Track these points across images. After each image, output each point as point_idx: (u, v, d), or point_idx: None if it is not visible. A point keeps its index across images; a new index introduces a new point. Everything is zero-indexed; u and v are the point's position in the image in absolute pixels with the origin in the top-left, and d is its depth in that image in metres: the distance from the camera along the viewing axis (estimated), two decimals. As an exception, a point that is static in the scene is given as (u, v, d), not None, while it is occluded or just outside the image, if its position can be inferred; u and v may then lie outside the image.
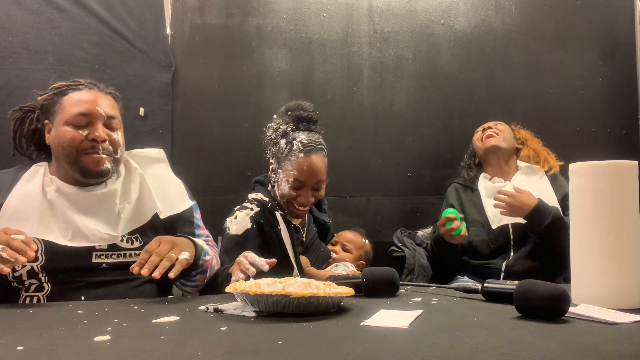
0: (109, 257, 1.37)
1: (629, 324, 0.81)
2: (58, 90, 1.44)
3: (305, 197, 1.64)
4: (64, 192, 1.37)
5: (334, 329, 0.79)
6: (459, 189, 2.27)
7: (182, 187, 1.60)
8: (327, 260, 1.87)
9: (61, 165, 1.39)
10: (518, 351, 0.65)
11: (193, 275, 1.39)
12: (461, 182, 2.30)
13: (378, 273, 1.15)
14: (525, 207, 1.96)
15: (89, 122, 1.37)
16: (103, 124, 1.39)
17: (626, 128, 2.81)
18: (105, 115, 1.39)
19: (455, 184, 2.31)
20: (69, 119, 1.37)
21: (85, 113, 1.37)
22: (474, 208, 2.18)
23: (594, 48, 2.80)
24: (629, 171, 0.99)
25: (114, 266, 1.37)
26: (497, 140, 2.19)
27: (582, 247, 1.00)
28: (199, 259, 1.36)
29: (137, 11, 2.21)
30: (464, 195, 2.24)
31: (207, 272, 1.44)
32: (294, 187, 1.63)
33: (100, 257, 1.36)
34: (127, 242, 1.40)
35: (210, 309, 0.96)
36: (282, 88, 2.43)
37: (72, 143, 1.35)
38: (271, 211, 1.64)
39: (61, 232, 1.32)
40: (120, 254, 1.38)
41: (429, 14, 2.63)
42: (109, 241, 1.36)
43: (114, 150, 1.41)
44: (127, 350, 0.67)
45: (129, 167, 1.51)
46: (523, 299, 0.87)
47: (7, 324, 0.85)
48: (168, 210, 1.48)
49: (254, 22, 2.41)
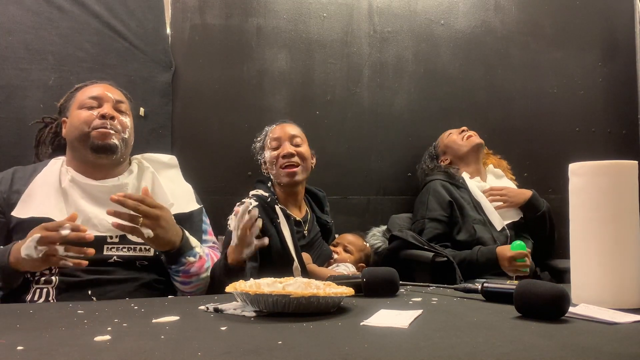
0: (119, 250, 1.41)
1: (629, 324, 0.81)
2: (74, 89, 1.58)
3: (284, 148, 1.82)
4: (77, 182, 1.45)
5: (334, 329, 0.79)
6: (447, 186, 2.22)
7: (192, 191, 1.66)
8: (328, 260, 1.88)
9: (75, 149, 1.48)
10: (518, 351, 0.65)
11: (174, 269, 1.41)
12: (445, 179, 2.25)
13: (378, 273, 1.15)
14: (521, 195, 2.16)
15: (99, 104, 1.49)
16: (112, 106, 1.51)
17: (626, 128, 2.81)
18: (114, 98, 1.52)
19: (438, 181, 2.24)
20: (81, 103, 1.49)
21: (96, 96, 1.50)
22: (468, 205, 2.16)
23: (594, 48, 2.80)
24: (629, 171, 0.99)
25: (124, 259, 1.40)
26: (479, 139, 2.30)
27: (582, 247, 1.00)
28: (181, 255, 1.37)
29: (137, 11, 2.21)
30: (455, 192, 2.20)
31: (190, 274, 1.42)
32: (274, 148, 1.84)
33: (111, 249, 1.40)
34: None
35: (210, 309, 0.96)
36: (282, 88, 2.43)
37: (85, 121, 1.46)
38: (271, 205, 1.68)
39: None
40: (130, 247, 1.42)
41: (428, 14, 2.63)
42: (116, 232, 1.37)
43: (122, 129, 1.50)
44: (127, 350, 0.67)
45: (142, 167, 1.58)
46: (523, 299, 0.87)
47: (7, 324, 0.85)
48: (177, 208, 1.51)
49: (254, 22, 2.41)
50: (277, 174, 1.82)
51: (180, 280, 1.44)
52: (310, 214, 1.91)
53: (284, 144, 1.84)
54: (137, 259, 1.42)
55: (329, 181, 2.37)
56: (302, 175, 1.83)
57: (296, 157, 1.81)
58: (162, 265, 1.44)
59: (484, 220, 2.12)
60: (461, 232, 2.11)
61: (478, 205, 2.16)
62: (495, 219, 2.12)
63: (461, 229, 2.11)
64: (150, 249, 1.43)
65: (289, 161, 1.80)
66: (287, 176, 1.80)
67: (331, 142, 2.46)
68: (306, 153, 1.86)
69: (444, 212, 2.14)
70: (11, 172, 1.49)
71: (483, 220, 2.12)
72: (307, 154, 1.86)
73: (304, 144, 1.87)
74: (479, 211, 2.15)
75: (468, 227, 2.09)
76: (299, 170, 1.81)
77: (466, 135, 2.33)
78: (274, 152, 1.84)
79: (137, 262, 1.42)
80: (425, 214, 2.16)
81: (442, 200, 2.16)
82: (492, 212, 2.14)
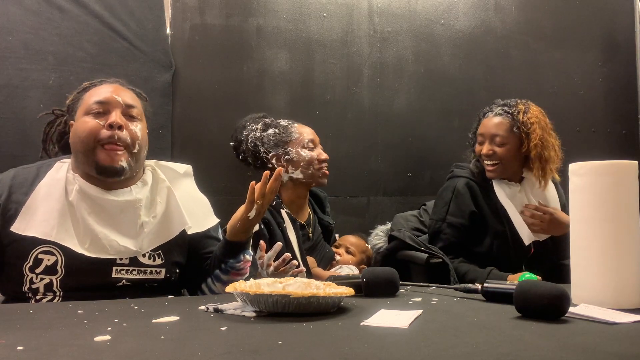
0: (129, 273, 1.28)
1: (629, 324, 0.81)
2: (81, 89, 1.39)
3: (322, 154, 1.89)
4: (86, 193, 1.28)
5: (334, 329, 0.79)
6: (473, 187, 1.96)
7: (208, 204, 1.52)
8: (331, 261, 1.88)
9: (79, 161, 1.31)
10: (518, 351, 0.65)
11: (229, 264, 1.32)
12: (473, 179, 1.98)
13: (378, 273, 1.15)
14: (563, 225, 1.83)
15: (106, 110, 1.29)
16: (122, 112, 1.31)
17: (626, 128, 2.81)
18: (123, 103, 1.32)
19: (467, 180, 1.98)
20: (87, 108, 1.30)
21: (103, 101, 1.30)
22: (492, 213, 1.93)
23: (593, 48, 2.80)
24: (629, 171, 0.99)
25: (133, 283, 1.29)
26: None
27: (582, 247, 1.00)
28: (244, 250, 1.32)
29: (137, 11, 2.21)
30: (480, 197, 1.95)
31: (241, 273, 1.35)
32: (311, 148, 1.87)
33: (120, 272, 1.28)
34: (148, 259, 1.32)
35: (210, 309, 0.96)
36: (282, 88, 2.43)
37: (91, 132, 1.27)
38: (277, 209, 1.67)
39: (79, 239, 1.24)
40: (140, 270, 1.30)
41: (429, 14, 2.63)
42: (127, 255, 1.28)
43: (131, 143, 1.30)
44: (127, 350, 0.67)
45: (157, 178, 1.42)
46: (523, 299, 0.87)
47: (7, 324, 0.85)
48: (196, 227, 1.41)
49: (254, 22, 2.41)
50: (313, 175, 1.85)
51: (225, 280, 1.33)
52: (313, 216, 1.91)
53: (318, 147, 1.91)
54: (146, 282, 1.31)
55: (329, 181, 2.37)
56: None
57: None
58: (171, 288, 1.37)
59: (506, 232, 1.90)
60: (479, 244, 1.93)
61: (504, 214, 1.92)
62: (524, 232, 1.89)
63: (479, 241, 1.94)
64: (161, 271, 1.32)
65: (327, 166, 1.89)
66: (324, 177, 1.88)
67: (331, 142, 2.46)
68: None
69: (464, 220, 1.93)
70: (10, 176, 1.31)
71: (505, 233, 1.90)
72: None
73: None
74: (503, 221, 1.92)
75: (487, 241, 1.92)
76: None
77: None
78: (312, 153, 1.86)
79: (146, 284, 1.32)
80: (445, 217, 1.96)
81: (465, 208, 1.93)
82: (522, 225, 1.90)
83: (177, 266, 1.36)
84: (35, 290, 1.22)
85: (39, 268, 1.20)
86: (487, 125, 1.92)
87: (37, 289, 1.21)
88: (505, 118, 1.90)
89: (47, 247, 1.21)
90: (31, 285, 1.21)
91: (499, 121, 1.90)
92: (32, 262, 1.20)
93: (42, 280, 1.21)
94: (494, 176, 1.93)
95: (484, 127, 1.93)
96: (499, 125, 1.89)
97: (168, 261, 1.33)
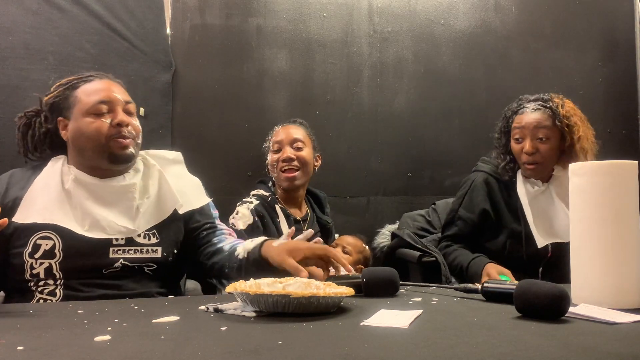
0: (126, 253, 1.33)
1: (629, 324, 0.81)
2: (67, 85, 1.42)
3: (284, 152, 1.84)
4: (82, 181, 1.36)
5: (334, 329, 0.79)
6: (492, 183, 1.88)
7: (200, 185, 1.58)
8: None
9: (85, 157, 1.37)
10: (518, 351, 0.65)
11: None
12: (493, 174, 1.90)
13: (378, 273, 1.15)
14: None
15: (109, 109, 1.37)
16: (122, 109, 1.40)
17: (626, 128, 2.81)
18: (123, 100, 1.40)
19: (487, 175, 1.90)
20: (89, 109, 1.36)
21: (106, 100, 1.37)
22: (510, 212, 1.85)
23: (593, 48, 2.80)
24: (629, 171, 0.99)
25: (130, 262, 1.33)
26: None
27: (582, 247, 1.00)
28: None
29: (137, 11, 2.21)
30: (498, 194, 1.87)
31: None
32: (275, 151, 1.87)
33: (117, 252, 1.32)
34: (144, 238, 1.37)
35: (210, 309, 0.96)
36: (282, 88, 2.43)
37: (100, 132, 1.34)
38: (271, 204, 1.71)
39: (78, 222, 1.31)
40: (137, 249, 1.36)
41: (428, 14, 2.63)
42: (126, 234, 1.34)
43: (136, 135, 1.42)
44: (127, 350, 0.67)
45: (147, 164, 1.50)
46: (523, 299, 0.87)
47: (7, 324, 0.85)
48: (187, 205, 1.47)
49: (254, 22, 2.41)
50: (278, 178, 1.85)
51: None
52: (311, 214, 1.92)
53: (285, 147, 1.85)
54: (144, 261, 1.35)
55: (329, 181, 2.37)
56: (302, 179, 1.84)
57: (296, 162, 1.83)
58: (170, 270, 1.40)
59: (521, 233, 1.82)
60: (491, 241, 1.87)
61: (522, 214, 1.82)
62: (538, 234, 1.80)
63: (492, 238, 1.87)
64: (158, 250, 1.37)
65: (288, 165, 1.82)
66: (286, 180, 1.83)
67: (331, 142, 2.46)
68: (307, 157, 1.86)
69: (474, 216, 1.87)
70: (8, 174, 1.39)
71: (520, 234, 1.82)
72: (308, 158, 1.86)
73: (306, 148, 1.87)
74: (520, 221, 1.83)
75: (501, 239, 1.85)
76: (298, 175, 1.83)
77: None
78: (274, 156, 1.87)
79: (145, 268, 1.35)
80: (458, 209, 1.92)
81: (476, 204, 1.87)
82: (537, 226, 1.80)
83: (174, 245, 1.41)
84: (37, 276, 1.26)
85: (37, 253, 1.25)
86: (526, 121, 1.79)
87: (37, 274, 1.26)
88: (545, 112, 1.78)
89: (45, 233, 1.27)
90: (32, 271, 1.26)
91: (539, 115, 1.78)
92: (31, 248, 1.26)
93: (42, 265, 1.26)
94: (533, 175, 1.83)
95: (522, 123, 1.80)
96: (540, 119, 1.78)
97: (164, 239, 1.38)
